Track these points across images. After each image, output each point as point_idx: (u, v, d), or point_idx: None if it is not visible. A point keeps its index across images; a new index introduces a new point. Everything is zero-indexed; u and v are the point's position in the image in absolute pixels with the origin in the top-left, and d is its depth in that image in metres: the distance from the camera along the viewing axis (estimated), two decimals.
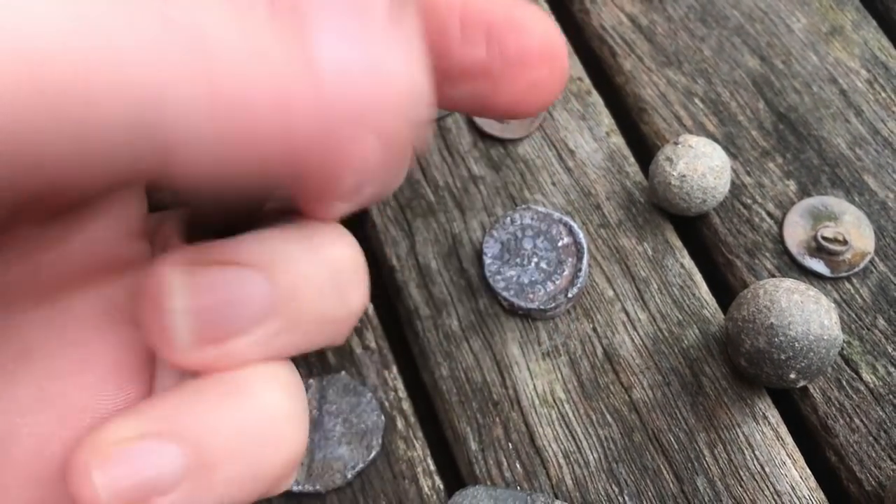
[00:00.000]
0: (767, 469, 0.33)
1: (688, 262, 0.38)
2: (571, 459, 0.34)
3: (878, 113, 0.41)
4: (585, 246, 0.37)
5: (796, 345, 0.32)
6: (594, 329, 0.36)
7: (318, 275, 0.17)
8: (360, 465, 0.33)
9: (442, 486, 0.34)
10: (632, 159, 0.40)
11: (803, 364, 0.32)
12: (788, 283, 0.33)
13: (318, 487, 0.33)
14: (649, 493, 0.33)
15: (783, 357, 0.32)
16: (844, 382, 0.35)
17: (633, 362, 0.36)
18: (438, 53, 0.20)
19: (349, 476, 0.33)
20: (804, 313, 0.32)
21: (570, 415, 0.35)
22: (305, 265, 0.17)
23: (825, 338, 0.32)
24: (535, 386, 0.35)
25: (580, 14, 0.45)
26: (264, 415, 0.17)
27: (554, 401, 0.35)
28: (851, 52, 0.42)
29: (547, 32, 0.21)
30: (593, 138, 0.40)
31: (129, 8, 0.12)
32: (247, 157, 0.14)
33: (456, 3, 0.21)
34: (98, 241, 0.18)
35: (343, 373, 0.35)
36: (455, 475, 0.34)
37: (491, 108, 0.22)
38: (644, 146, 0.41)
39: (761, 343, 0.32)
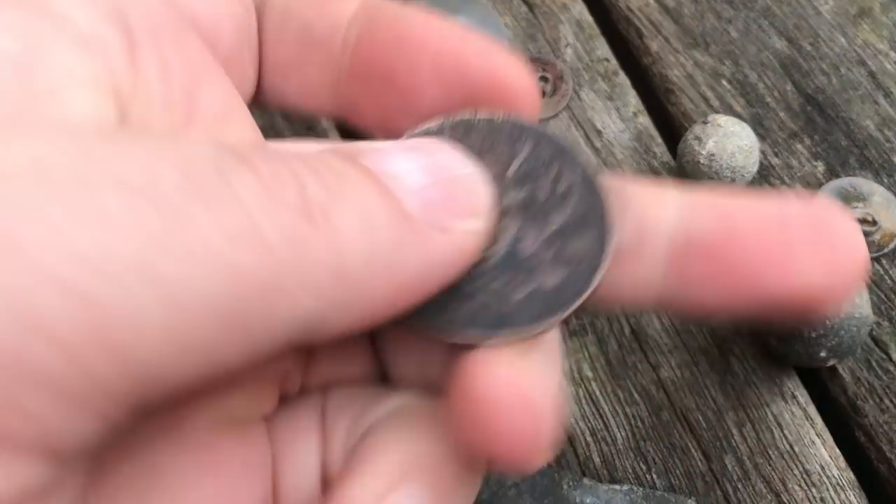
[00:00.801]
0: (797, 448, 0.33)
1: None
2: (599, 437, 0.34)
3: None
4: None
5: (827, 322, 0.31)
6: (621, 308, 0.36)
7: None
8: None
9: None
10: (659, 139, 0.40)
11: (834, 342, 0.32)
12: None
13: None
14: (677, 472, 0.33)
15: (814, 335, 0.32)
16: (874, 363, 0.35)
17: (660, 341, 0.35)
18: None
19: None
20: None
21: (598, 393, 0.35)
22: None
23: (856, 315, 0.32)
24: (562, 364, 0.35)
25: None
26: None
27: (581, 379, 0.35)
28: (880, 34, 0.42)
29: None
30: (620, 118, 0.40)
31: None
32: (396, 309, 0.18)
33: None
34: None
35: None
36: None
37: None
38: (671, 127, 0.41)
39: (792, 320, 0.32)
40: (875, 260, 0.37)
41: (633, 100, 0.41)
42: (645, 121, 0.40)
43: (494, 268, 0.20)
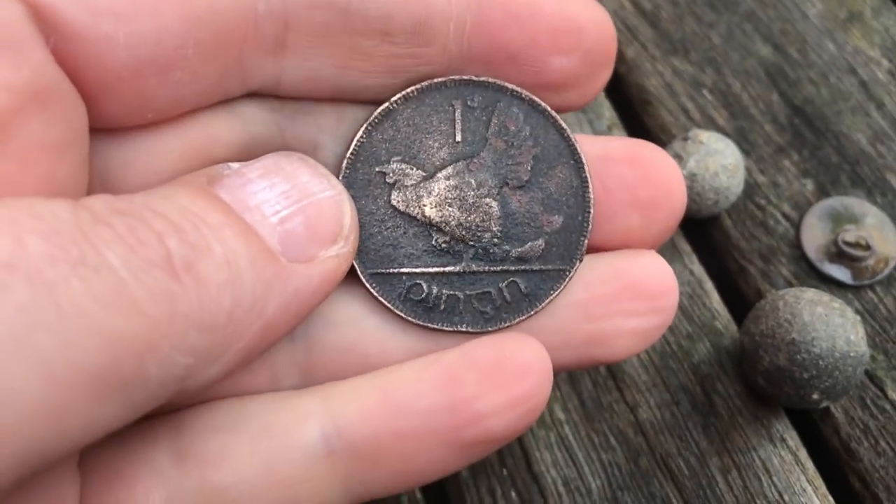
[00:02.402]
0: (786, 497, 0.30)
1: (697, 268, 0.35)
2: (572, 487, 0.31)
3: None
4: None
5: (820, 363, 0.29)
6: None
7: None
8: None
9: None
10: None
11: (828, 384, 0.29)
12: (811, 293, 0.30)
13: None
14: None
15: (806, 376, 0.29)
16: (869, 401, 0.32)
17: (638, 379, 0.32)
18: (531, 66, 0.23)
19: None
20: (829, 328, 0.29)
21: (570, 437, 0.31)
22: None
23: (852, 355, 0.29)
24: None
25: None
26: None
27: (552, 422, 0.32)
28: (871, 41, 0.39)
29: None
30: (593, 132, 0.37)
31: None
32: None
33: (545, 11, 0.22)
34: None
35: None
36: None
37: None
38: (648, 141, 0.38)
39: (782, 360, 0.29)
40: (869, 287, 0.34)
41: (606, 112, 0.38)
42: (620, 135, 0.37)
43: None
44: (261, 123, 0.23)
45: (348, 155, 0.23)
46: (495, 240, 0.24)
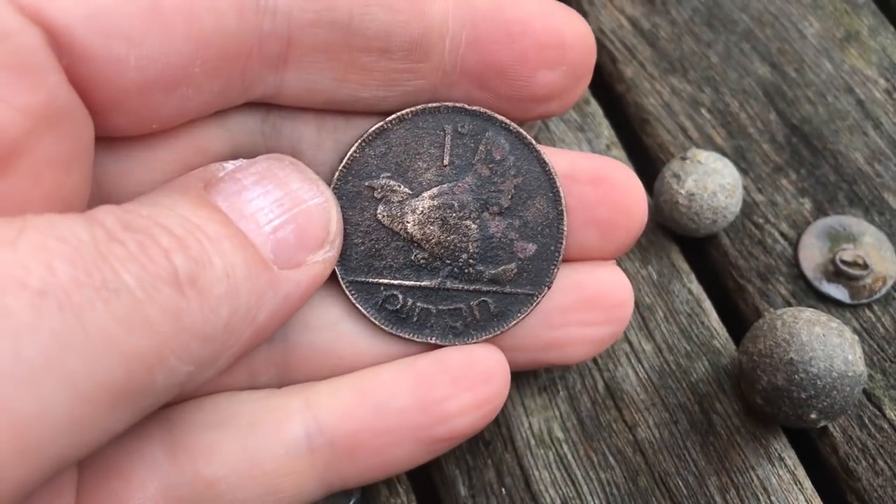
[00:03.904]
0: None
1: (695, 287, 0.35)
2: None
3: None
4: None
5: (818, 382, 0.29)
6: (594, 361, 0.33)
7: None
8: None
9: None
10: None
11: (826, 403, 0.29)
12: (808, 313, 0.30)
13: None
14: None
15: (804, 396, 0.29)
16: (867, 420, 0.32)
17: (637, 398, 0.33)
18: (519, 80, 0.23)
19: None
20: (827, 348, 0.29)
21: (569, 456, 0.32)
22: None
23: (849, 375, 0.29)
24: (530, 424, 0.32)
25: None
26: None
27: (551, 441, 0.32)
28: (868, 60, 0.39)
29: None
30: (592, 151, 0.37)
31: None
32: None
33: (535, 28, 0.23)
34: None
35: None
36: None
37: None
38: (647, 160, 0.38)
39: (779, 380, 0.29)
40: (867, 306, 0.34)
41: (605, 131, 0.38)
42: (619, 154, 0.38)
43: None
44: (246, 133, 0.24)
45: (340, 167, 0.24)
46: (471, 260, 0.25)
